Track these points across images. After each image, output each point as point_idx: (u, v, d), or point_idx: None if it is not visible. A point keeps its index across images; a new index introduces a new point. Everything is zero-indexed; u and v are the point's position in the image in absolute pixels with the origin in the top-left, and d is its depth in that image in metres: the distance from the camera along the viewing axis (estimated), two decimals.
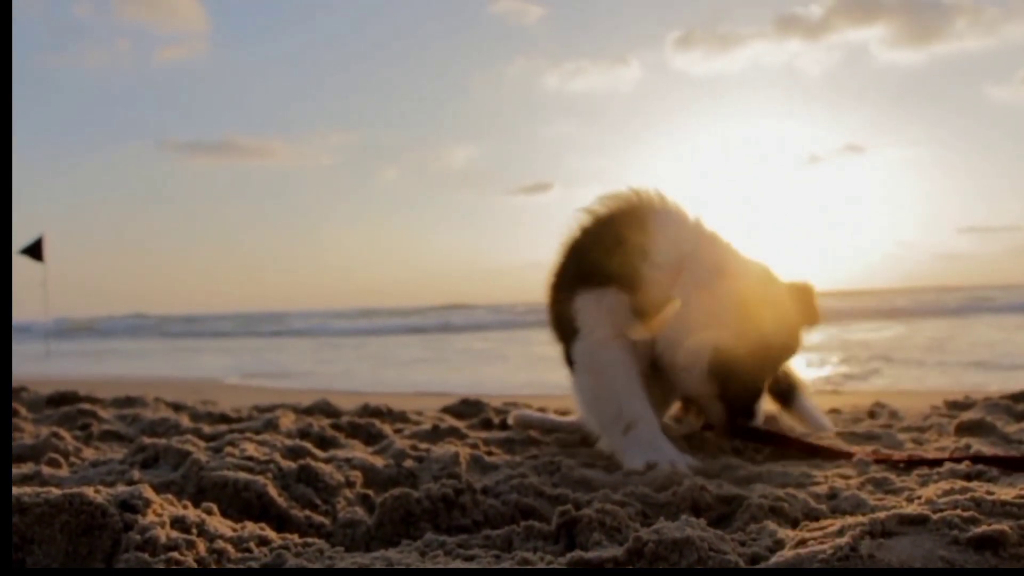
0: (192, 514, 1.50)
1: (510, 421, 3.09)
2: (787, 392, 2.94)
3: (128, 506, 1.42)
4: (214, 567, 1.36)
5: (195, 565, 1.32)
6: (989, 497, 1.41)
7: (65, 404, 3.69)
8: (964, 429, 2.73)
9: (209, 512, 1.59)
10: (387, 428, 2.98)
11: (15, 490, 1.38)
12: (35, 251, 13.79)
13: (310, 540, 1.56)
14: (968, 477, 1.90)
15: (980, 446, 2.37)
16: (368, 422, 3.00)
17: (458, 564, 1.36)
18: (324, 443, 2.63)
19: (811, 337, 2.61)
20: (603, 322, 2.39)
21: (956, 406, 3.47)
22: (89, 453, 2.57)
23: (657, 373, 2.45)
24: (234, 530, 1.53)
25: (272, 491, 1.84)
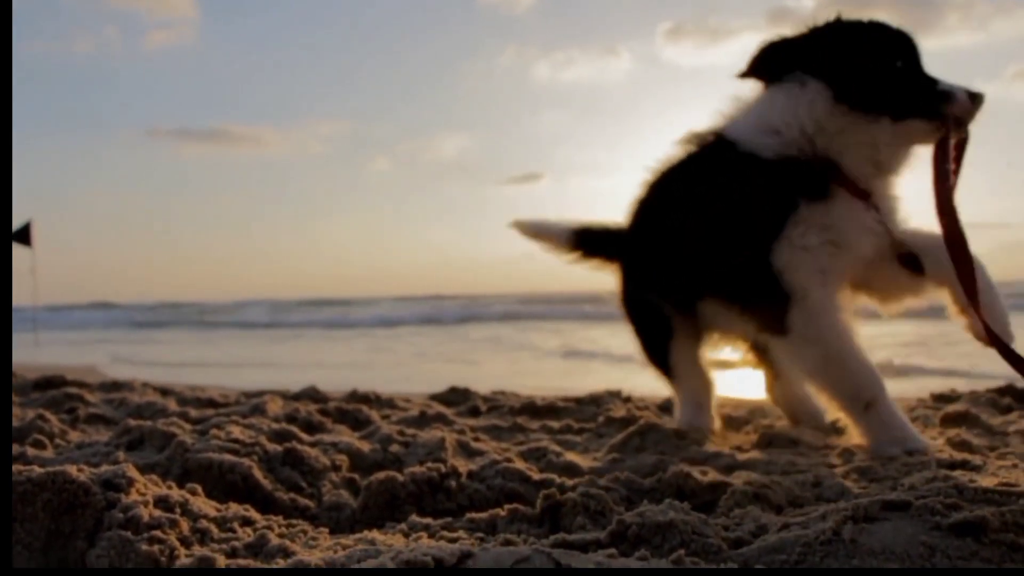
0: (176, 494, 1.49)
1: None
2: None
3: (111, 485, 1.42)
4: (197, 546, 1.35)
5: (178, 544, 1.32)
6: (971, 485, 1.42)
7: (52, 388, 3.68)
8: (950, 421, 2.74)
9: (193, 493, 1.59)
10: (374, 414, 2.98)
11: None
12: (23, 236, 13.72)
13: (293, 521, 1.56)
14: (952, 466, 1.91)
15: (966, 438, 2.38)
16: (355, 408, 2.99)
17: (443, 546, 1.35)
18: (311, 428, 2.62)
19: None
20: (818, 280, 2.12)
21: (942, 399, 3.48)
22: (75, 436, 2.56)
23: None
24: (218, 510, 1.52)
25: (257, 473, 1.84)
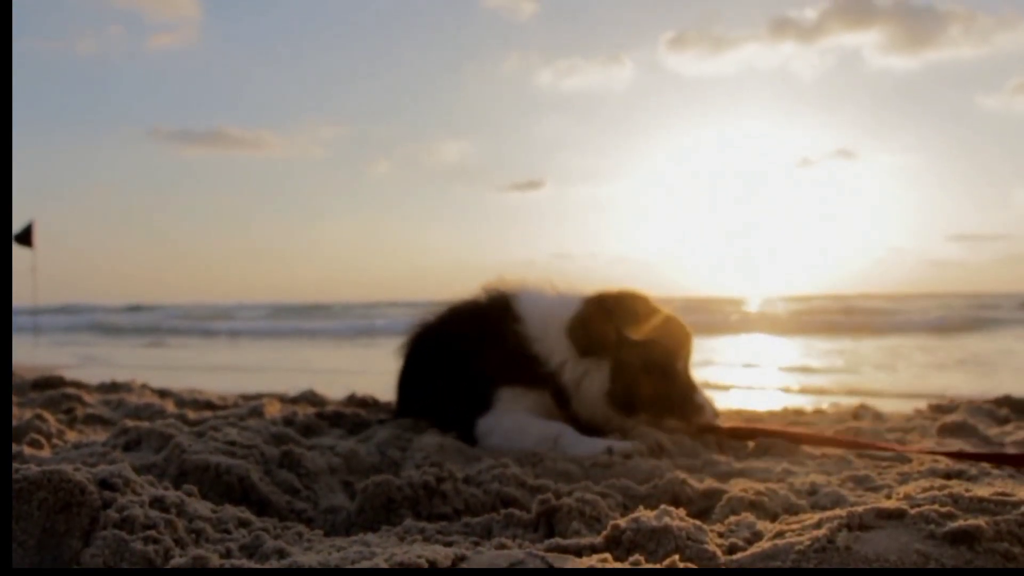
0: (172, 495, 1.49)
1: None
2: None
3: (107, 484, 1.42)
4: (192, 547, 1.35)
5: (173, 544, 1.32)
6: (967, 494, 1.42)
7: (50, 388, 3.68)
8: (947, 431, 2.75)
9: (189, 494, 1.59)
10: (372, 418, 2.98)
11: None
12: (25, 238, 13.75)
13: (289, 523, 1.56)
14: (948, 476, 1.91)
15: (963, 447, 2.39)
16: (353, 412, 3.00)
17: (437, 549, 1.36)
18: (308, 431, 2.62)
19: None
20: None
21: (939, 409, 3.49)
22: (72, 436, 2.56)
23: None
24: (214, 512, 1.52)
25: (254, 475, 1.84)
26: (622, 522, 1.33)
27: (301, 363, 10.25)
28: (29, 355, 11.05)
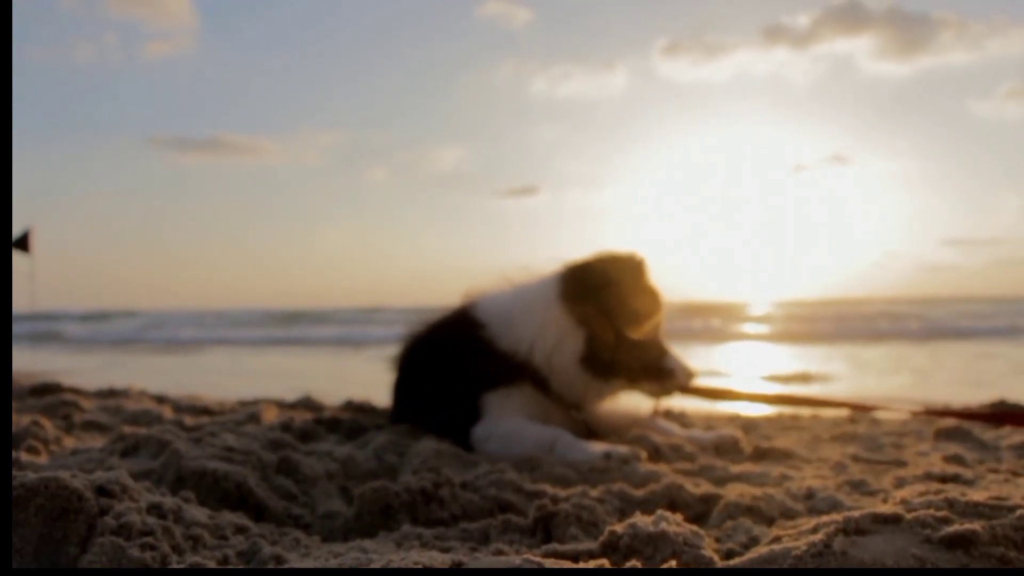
0: (169, 501, 1.49)
1: None
2: None
3: (104, 491, 1.42)
4: (189, 553, 1.35)
5: (170, 551, 1.32)
6: (963, 498, 1.42)
7: (48, 394, 3.67)
8: (942, 435, 2.75)
9: (187, 500, 1.59)
10: (369, 424, 2.98)
11: None
12: (23, 243, 13.71)
13: (287, 529, 1.56)
14: (944, 480, 1.92)
15: (959, 451, 2.39)
16: (350, 417, 3.00)
17: (434, 555, 1.36)
18: (306, 437, 2.62)
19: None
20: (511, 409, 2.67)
21: (936, 413, 3.49)
22: (70, 442, 2.56)
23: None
24: (211, 517, 1.52)
25: (251, 481, 1.84)
26: (619, 527, 1.33)
27: (298, 369, 10.25)
28: (27, 361, 11.03)
